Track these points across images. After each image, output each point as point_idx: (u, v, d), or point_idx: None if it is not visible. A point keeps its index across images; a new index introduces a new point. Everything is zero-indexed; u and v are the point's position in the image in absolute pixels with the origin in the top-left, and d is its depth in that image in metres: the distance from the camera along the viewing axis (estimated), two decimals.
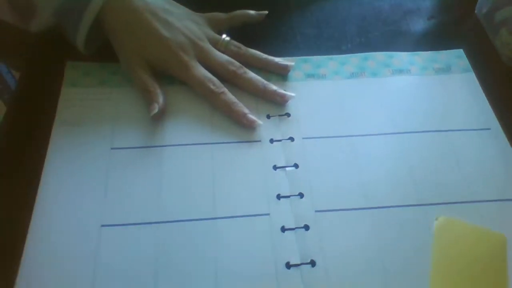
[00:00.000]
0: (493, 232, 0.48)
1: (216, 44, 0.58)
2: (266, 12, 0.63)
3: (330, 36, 0.66)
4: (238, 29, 0.64)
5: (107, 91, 0.57)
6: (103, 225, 0.47)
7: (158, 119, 0.54)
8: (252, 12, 0.62)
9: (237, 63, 0.57)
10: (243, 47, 0.59)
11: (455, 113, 0.57)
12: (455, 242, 0.48)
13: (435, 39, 0.66)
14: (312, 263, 0.46)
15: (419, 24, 0.68)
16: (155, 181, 0.50)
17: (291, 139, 0.54)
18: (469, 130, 0.56)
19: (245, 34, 0.64)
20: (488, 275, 0.46)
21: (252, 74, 0.57)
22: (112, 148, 0.52)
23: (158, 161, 0.52)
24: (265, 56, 0.60)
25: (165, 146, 0.53)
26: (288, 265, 0.46)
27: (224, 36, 0.59)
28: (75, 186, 0.49)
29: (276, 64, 0.59)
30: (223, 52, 0.58)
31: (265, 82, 0.57)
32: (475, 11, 0.69)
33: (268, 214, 0.49)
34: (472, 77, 0.61)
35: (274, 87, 0.57)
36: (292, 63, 0.60)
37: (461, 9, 0.70)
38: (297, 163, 0.53)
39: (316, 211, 0.49)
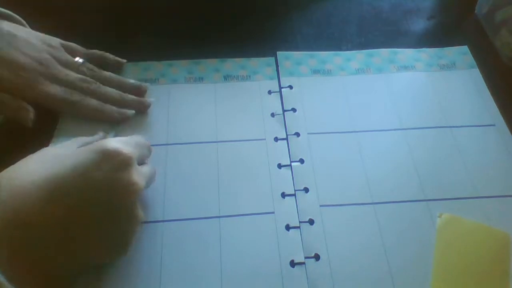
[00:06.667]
0: (498, 230, 0.48)
1: (68, 66, 0.55)
2: (125, 60, 0.60)
3: (330, 36, 0.66)
4: (236, 30, 0.65)
5: None
6: None
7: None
8: (111, 56, 0.60)
9: (89, 79, 0.55)
10: (97, 69, 0.57)
11: (460, 109, 0.58)
12: (457, 240, 0.48)
13: (435, 39, 0.66)
14: (316, 257, 0.46)
15: (419, 24, 0.68)
16: (159, 180, 0.50)
17: (297, 134, 0.55)
18: (474, 126, 0.56)
19: (245, 34, 0.65)
20: (490, 274, 0.46)
21: (106, 88, 0.56)
22: None
23: (163, 160, 0.52)
24: (118, 77, 0.58)
25: (169, 144, 0.53)
26: (293, 263, 0.45)
27: (77, 58, 0.57)
28: None
29: (131, 85, 0.58)
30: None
31: (122, 93, 0.56)
32: (475, 11, 0.70)
33: (273, 213, 0.49)
34: (476, 73, 0.62)
35: (132, 97, 0.56)
36: (147, 85, 0.59)
37: (461, 9, 0.71)
38: (302, 158, 0.53)
39: (321, 205, 0.49)
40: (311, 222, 0.48)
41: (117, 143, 0.41)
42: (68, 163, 0.39)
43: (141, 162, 0.45)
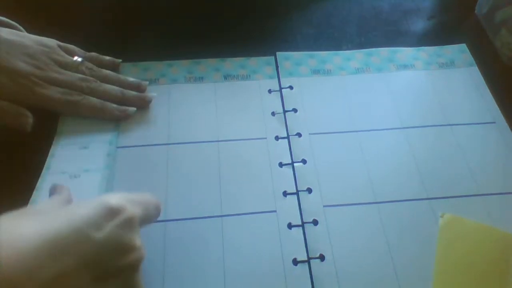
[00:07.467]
0: (500, 231, 0.48)
1: (67, 66, 0.55)
2: (120, 60, 0.60)
3: (330, 36, 0.66)
4: (236, 30, 0.65)
5: None
6: None
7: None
8: (106, 58, 0.60)
9: (89, 78, 0.55)
10: (96, 68, 0.57)
11: (460, 107, 0.58)
12: (459, 240, 0.48)
13: (435, 39, 0.66)
14: (321, 258, 0.46)
15: (419, 24, 0.69)
16: (161, 180, 0.50)
17: (299, 134, 0.54)
18: (474, 124, 0.56)
19: (245, 34, 0.65)
20: (492, 274, 0.45)
21: (107, 85, 0.56)
22: (118, 147, 0.52)
23: (164, 159, 0.52)
24: (117, 75, 0.58)
25: (171, 144, 0.53)
26: (295, 262, 0.45)
27: (76, 58, 0.57)
28: (80, 185, 0.49)
29: (131, 83, 0.58)
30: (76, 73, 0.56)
31: (123, 89, 0.56)
32: (475, 11, 0.70)
33: (274, 211, 0.49)
34: (475, 71, 0.62)
35: (133, 92, 0.56)
36: (146, 82, 0.58)
37: (461, 9, 0.71)
38: (305, 158, 0.53)
39: (325, 206, 0.49)
40: (315, 222, 0.48)
41: (120, 199, 0.36)
42: (65, 219, 0.33)
43: (146, 224, 0.40)
